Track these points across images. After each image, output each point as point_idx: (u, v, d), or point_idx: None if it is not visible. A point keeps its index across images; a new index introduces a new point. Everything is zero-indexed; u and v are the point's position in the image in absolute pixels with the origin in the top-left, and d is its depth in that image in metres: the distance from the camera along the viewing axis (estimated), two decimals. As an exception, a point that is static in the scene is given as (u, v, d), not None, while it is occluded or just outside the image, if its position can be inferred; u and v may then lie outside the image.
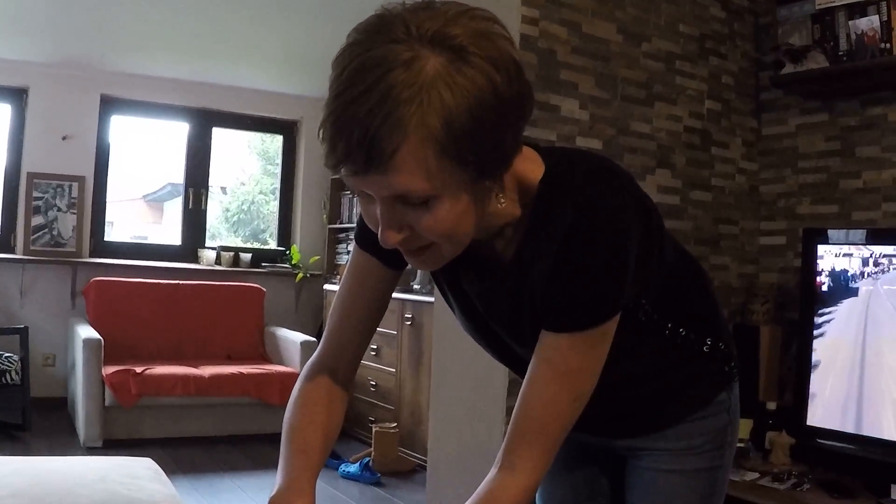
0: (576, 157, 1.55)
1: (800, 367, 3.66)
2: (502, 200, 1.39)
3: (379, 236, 1.35)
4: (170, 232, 8.47)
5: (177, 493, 3.14)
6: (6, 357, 6.18)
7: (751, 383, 3.89)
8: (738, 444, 3.03)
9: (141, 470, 3.42)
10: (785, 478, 3.37)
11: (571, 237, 1.40)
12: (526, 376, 1.49)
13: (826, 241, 3.57)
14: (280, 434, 1.68)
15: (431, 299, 5.07)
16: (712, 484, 1.84)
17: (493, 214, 1.41)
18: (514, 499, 1.46)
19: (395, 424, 6.34)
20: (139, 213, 9.14)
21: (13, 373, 6.16)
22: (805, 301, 3.64)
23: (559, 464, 1.98)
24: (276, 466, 1.63)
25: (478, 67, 1.23)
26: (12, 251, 7.29)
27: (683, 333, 1.72)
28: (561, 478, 2.02)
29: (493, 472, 1.49)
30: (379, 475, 5.96)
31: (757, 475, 3.44)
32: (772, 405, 3.77)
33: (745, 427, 3.63)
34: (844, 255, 3.48)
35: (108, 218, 7.86)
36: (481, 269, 1.56)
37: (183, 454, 6.24)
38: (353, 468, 5.94)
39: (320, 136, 1.26)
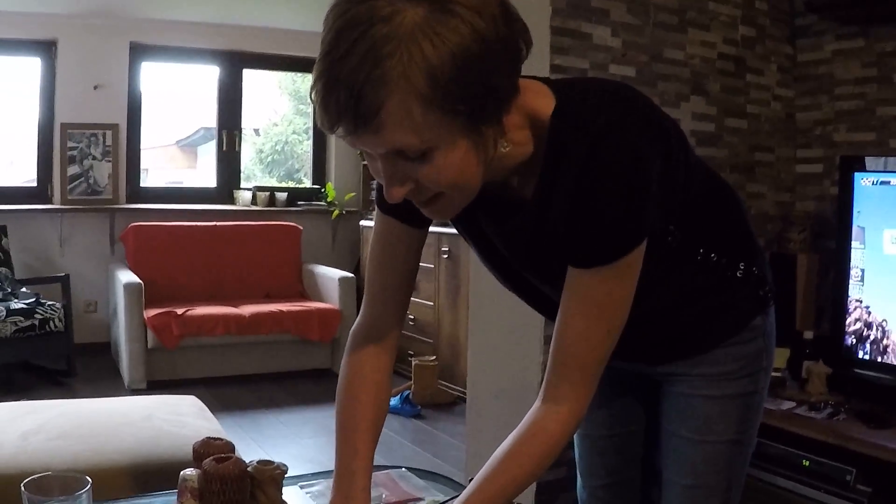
0: (588, 87, 1.54)
1: (837, 296, 3.64)
2: (505, 145, 1.38)
3: (384, 193, 1.36)
4: (204, 176, 8.49)
5: (221, 428, 3.18)
6: (49, 305, 6.25)
7: (788, 312, 3.86)
8: (775, 374, 3.05)
9: (185, 407, 3.47)
10: (821, 407, 3.36)
11: (588, 170, 1.39)
12: (558, 313, 1.50)
13: (863, 169, 3.52)
14: (319, 371, 1.74)
15: (467, 233, 5.06)
16: (747, 409, 1.85)
17: (502, 157, 1.40)
18: (559, 431, 1.49)
19: (434, 357, 6.39)
20: (173, 158, 9.16)
21: (56, 320, 6.24)
22: (842, 229, 3.61)
23: (597, 396, 2.00)
24: (315, 402, 1.70)
25: (459, 16, 1.21)
26: (50, 201, 7.35)
27: (715, 258, 1.72)
28: (596, 403, 2.01)
29: (536, 405, 1.51)
30: (419, 408, 6.03)
31: (793, 404, 3.43)
32: (809, 334, 3.75)
33: (781, 356, 3.61)
34: (881, 182, 3.45)
35: (142, 165, 7.89)
36: (500, 212, 1.56)
37: (225, 392, 6.33)
38: (393, 402, 5.97)
39: (312, 97, 1.27)
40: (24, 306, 6.14)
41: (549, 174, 1.46)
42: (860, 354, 3.49)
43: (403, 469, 2.29)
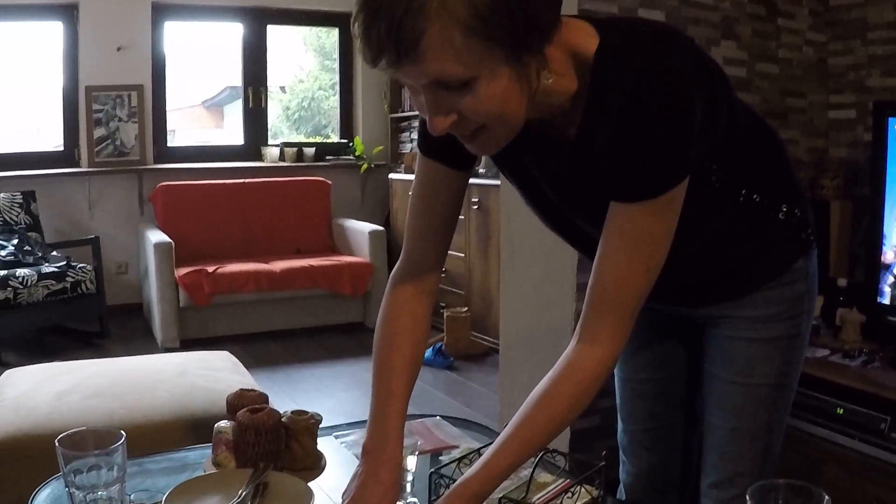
0: (632, 26, 1.51)
1: (870, 244, 3.59)
2: (548, 77, 1.36)
3: (427, 125, 1.34)
4: (231, 136, 8.45)
5: (255, 382, 3.19)
6: (80, 268, 6.28)
7: (821, 260, 3.81)
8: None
9: (219, 362, 3.47)
10: (855, 355, 3.34)
11: (632, 105, 1.37)
12: (598, 250, 1.48)
13: (897, 115, 3.46)
14: (351, 325, 1.74)
15: (497, 182, 5.04)
16: (790, 352, 1.83)
17: (546, 92, 1.38)
18: (595, 371, 1.47)
19: (466, 308, 6.38)
20: (199, 119, 9.13)
21: (88, 282, 6.27)
22: (875, 176, 3.55)
23: (635, 334, 1.98)
24: (348, 356, 1.70)
25: None
26: (77, 164, 7.34)
27: (758, 200, 1.69)
28: (638, 347, 2.03)
29: (572, 344, 1.49)
30: (452, 359, 6.04)
31: (827, 352, 3.41)
32: (842, 282, 3.72)
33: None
34: (916, 128, 3.39)
35: (169, 126, 7.85)
36: (544, 150, 1.55)
37: (258, 348, 6.37)
38: (426, 353, 5.97)
39: (354, 31, 1.26)
40: (56, 270, 6.15)
41: (593, 111, 1.43)
42: (895, 302, 3.45)
43: (438, 417, 2.28)
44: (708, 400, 1.91)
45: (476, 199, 6.30)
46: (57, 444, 1.52)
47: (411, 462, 1.78)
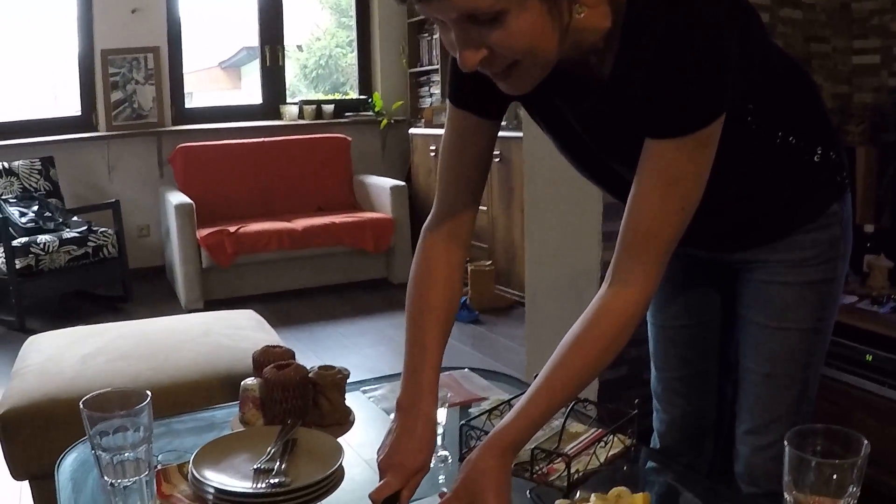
0: None
1: (897, 189, 3.55)
2: (580, 10, 1.32)
3: (458, 61, 1.31)
4: (249, 97, 8.42)
5: (280, 339, 3.17)
6: (101, 232, 6.28)
7: (849, 206, 3.78)
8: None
9: (243, 321, 3.46)
10: (884, 301, 3.30)
11: (668, 41, 1.33)
12: (632, 189, 1.44)
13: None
14: (375, 281, 1.71)
15: (519, 134, 4.99)
16: (825, 296, 1.80)
17: (578, 29, 1.34)
18: (628, 312, 1.44)
19: (490, 262, 6.36)
20: (216, 80, 9.11)
21: (109, 246, 6.27)
22: (901, 121, 3.50)
23: (668, 280, 1.95)
24: (373, 313, 1.68)
25: None
26: (95, 129, 7.32)
27: (793, 142, 1.66)
28: (671, 292, 2.00)
29: (603, 287, 1.46)
30: (477, 313, 6.03)
31: (855, 298, 3.37)
32: (869, 228, 3.66)
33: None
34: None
35: (186, 89, 7.80)
36: (578, 92, 1.51)
37: (282, 307, 6.38)
38: (451, 308, 5.97)
39: None
40: (77, 235, 6.16)
41: (628, 49, 1.40)
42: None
43: (466, 370, 2.26)
44: (743, 345, 1.88)
45: (498, 152, 6.25)
46: (82, 406, 1.49)
47: (441, 415, 1.76)
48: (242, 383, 1.86)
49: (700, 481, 1.80)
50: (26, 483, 2.84)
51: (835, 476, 1.19)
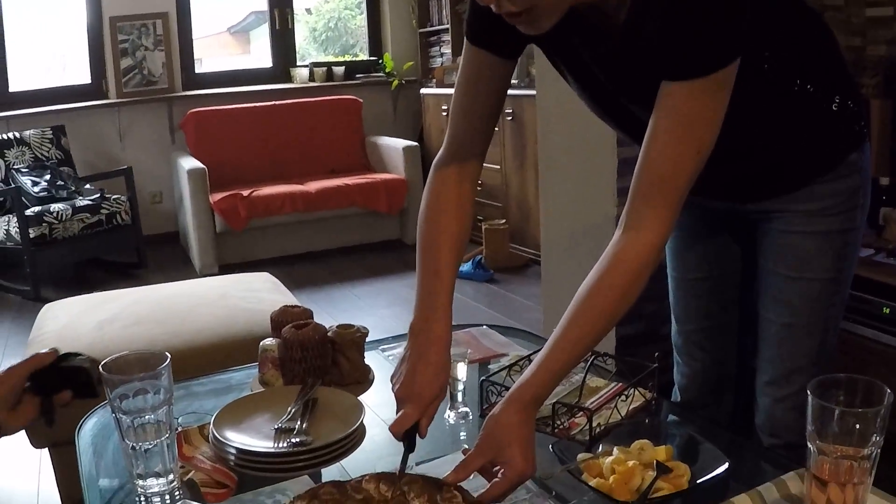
0: None
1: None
2: None
3: None
4: (259, 61, 8.37)
5: (297, 302, 3.16)
6: (114, 199, 6.28)
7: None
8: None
9: (259, 283, 3.46)
10: (900, 253, 3.28)
11: None
12: (647, 132, 1.42)
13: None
14: (389, 242, 1.70)
15: (532, 92, 4.96)
16: (844, 246, 1.79)
17: None
18: (642, 258, 1.42)
19: (504, 221, 6.34)
20: (226, 45, 9.05)
21: (123, 213, 6.27)
22: (917, 73, 3.45)
23: (688, 231, 1.95)
24: (388, 273, 1.66)
25: None
26: (105, 96, 7.30)
27: (811, 90, 1.64)
28: (691, 244, 1.99)
29: (617, 234, 1.44)
30: (492, 272, 6.02)
31: (871, 251, 3.34)
32: (884, 181, 3.62)
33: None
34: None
35: (195, 55, 7.76)
36: (595, 35, 1.49)
37: (297, 270, 6.38)
38: (465, 267, 5.98)
39: None
40: (90, 202, 6.16)
41: None
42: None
43: (484, 326, 2.26)
44: (763, 296, 1.86)
45: (510, 111, 6.22)
46: (101, 369, 1.49)
47: (461, 371, 1.75)
48: (261, 344, 1.85)
49: (722, 433, 1.80)
50: (46, 451, 2.84)
51: (858, 426, 1.18)
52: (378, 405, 1.82)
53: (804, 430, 1.22)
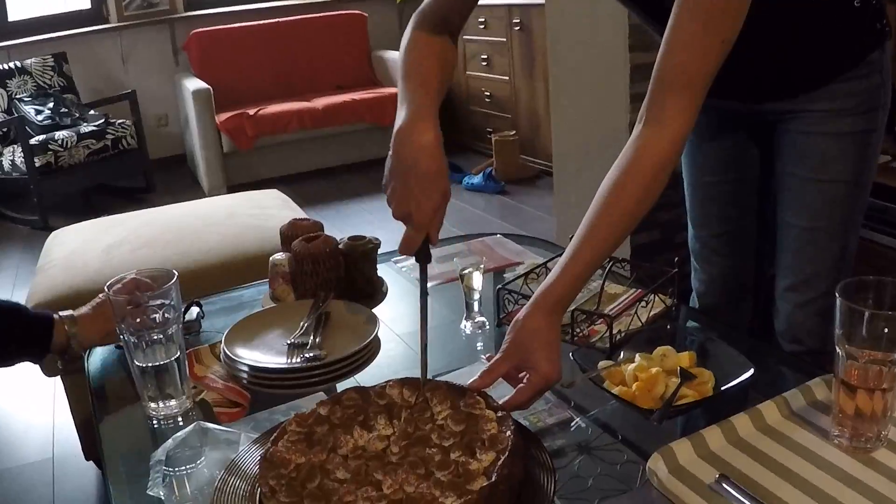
0: None
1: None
2: None
3: None
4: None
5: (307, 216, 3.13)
6: (119, 124, 6.23)
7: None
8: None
9: (268, 200, 3.42)
10: (917, 158, 3.23)
11: None
12: (669, 22, 1.37)
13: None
14: None
15: (540, 1, 4.87)
16: (865, 148, 1.74)
17: None
18: (666, 152, 1.37)
19: (514, 132, 6.27)
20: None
21: (128, 137, 6.23)
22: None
23: (706, 134, 1.91)
24: None
25: None
26: (106, 21, 7.20)
27: None
28: (708, 148, 1.94)
29: (637, 128, 1.39)
30: (503, 184, 5.98)
31: (888, 158, 3.29)
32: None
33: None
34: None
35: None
36: None
37: (307, 187, 6.35)
38: (476, 179, 5.95)
39: None
40: (95, 128, 6.11)
41: None
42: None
43: (498, 235, 2.22)
44: (782, 200, 1.83)
45: (518, 21, 6.13)
46: (107, 290, 1.46)
47: (477, 281, 1.72)
48: (271, 259, 1.81)
49: (743, 339, 1.77)
50: (59, 380, 2.83)
51: (886, 329, 1.14)
52: (392, 318, 1.79)
53: (826, 336, 1.19)
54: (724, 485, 1.12)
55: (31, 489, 2.95)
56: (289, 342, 1.55)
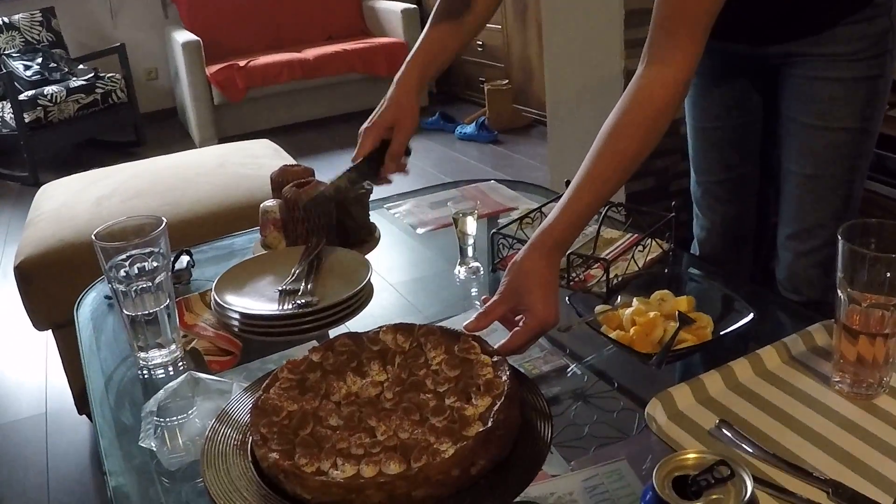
0: None
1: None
2: None
3: None
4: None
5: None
6: (108, 77, 6.19)
7: None
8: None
9: (259, 149, 3.39)
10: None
11: None
12: None
13: None
14: None
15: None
16: (872, 94, 1.70)
17: None
18: (669, 93, 1.34)
19: (507, 81, 6.24)
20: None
21: (118, 91, 6.20)
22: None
23: (709, 78, 1.88)
24: None
25: None
26: (94, -27, 7.15)
27: None
28: (711, 93, 1.91)
29: (640, 69, 1.36)
30: (496, 133, 5.95)
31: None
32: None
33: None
34: None
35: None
36: None
37: (299, 138, 6.32)
38: (469, 129, 5.92)
39: None
40: (84, 83, 6.07)
41: None
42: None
43: (493, 181, 2.19)
44: (786, 146, 1.80)
45: (509, -34, 6.08)
46: (94, 238, 1.43)
47: (471, 226, 1.69)
48: (262, 205, 1.78)
49: (744, 285, 1.74)
50: (51, 334, 2.82)
51: (889, 273, 1.11)
52: (385, 264, 1.77)
53: (827, 287, 1.17)
54: (724, 430, 1.11)
55: (24, 444, 2.95)
56: (280, 289, 1.52)
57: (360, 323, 1.48)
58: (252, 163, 3.16)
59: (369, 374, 1.18)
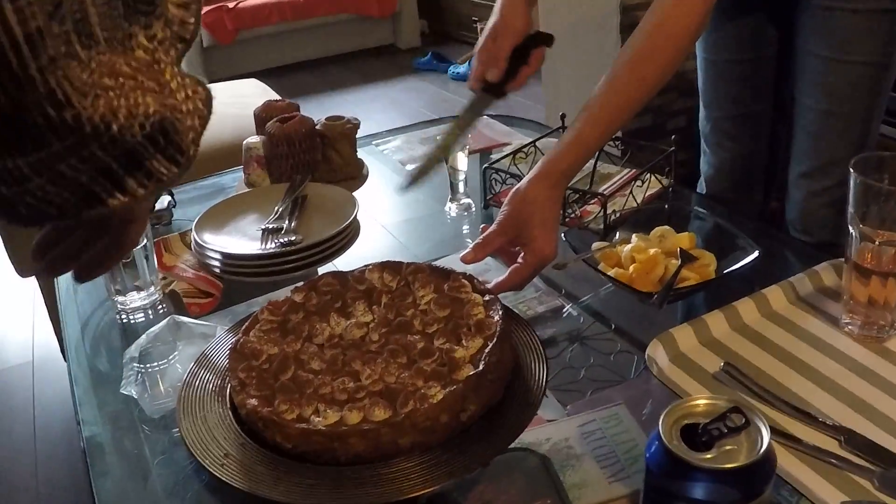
0: None
1: None
2: None
3: None
4: None
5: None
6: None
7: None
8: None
9: (247, 89, 3.33)
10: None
11: None
12: None
13: None
14: (382, 47, 1.70)
15: None
16: (894, 27, 1.61)
17: None
18: (694, 22, 1.28)
19: (500, 18, 6.14)
20: None
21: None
22: None
23: (720, 9, 1.78)
24: (381, 79, 1.73)
25: None
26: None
27: None
28: (723, 24, 1.82)
29: (655, 2, 1.29)
30: (489, 71, 5.87)
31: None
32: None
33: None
34: None
35: None
36: None
37: (289, 79, 6.25)
38: (462, 69, 5.86)
39: None
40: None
41: None
42: None
43: (486, 116, 2.12)
44: (801, 80, 1.72)
45: None
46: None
47: (462, 162, 1.63)
48: (245, 142, 1.72)
49: (750, 223, 1.67)
50: (37, 281, 2.79)
51: (903, 208, 1.05)
52: (373, 202, 1.71)
53: (839, 228, 1.11)
54: (730, 374, 1.05)
55: (11, 393, 2.93)
56: (263, 227, 1.46)
57: (346, 261, 1.42)
58: (238, 101, 3.08)
59: (354, 314, 1.12)
